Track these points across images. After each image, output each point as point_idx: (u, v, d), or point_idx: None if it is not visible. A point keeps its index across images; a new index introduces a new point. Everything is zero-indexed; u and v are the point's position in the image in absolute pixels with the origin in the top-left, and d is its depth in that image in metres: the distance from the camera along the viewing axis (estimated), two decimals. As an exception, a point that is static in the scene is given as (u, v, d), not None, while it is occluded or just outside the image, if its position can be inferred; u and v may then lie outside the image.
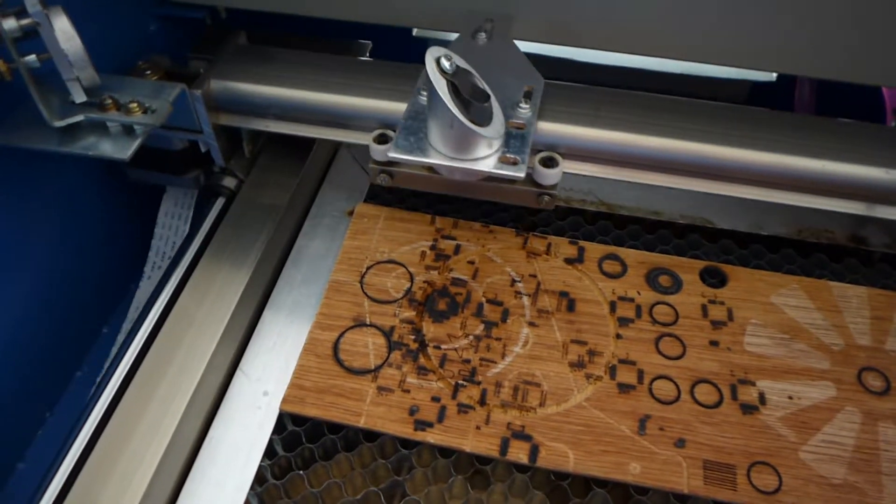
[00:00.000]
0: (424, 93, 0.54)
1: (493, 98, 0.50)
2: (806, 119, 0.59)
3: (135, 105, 0.51)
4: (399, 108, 0.57)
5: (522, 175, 0.50)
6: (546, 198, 0.55)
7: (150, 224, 0.71)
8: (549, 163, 0.54)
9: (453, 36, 0.59)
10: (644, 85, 0.86)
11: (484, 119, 0.49)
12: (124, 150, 0.50)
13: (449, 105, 0.47)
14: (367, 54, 0.71)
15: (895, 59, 0.59)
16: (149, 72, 0.60)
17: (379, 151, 0.55)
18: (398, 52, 0.75)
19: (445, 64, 0.48)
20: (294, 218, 0.65)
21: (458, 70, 0.48)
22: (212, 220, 0.62)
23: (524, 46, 0.59)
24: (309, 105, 0.60)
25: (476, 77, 0.50)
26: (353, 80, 0.60)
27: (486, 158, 0.50)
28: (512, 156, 0.50)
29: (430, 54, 0.48)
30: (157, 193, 0.70)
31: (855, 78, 0.61)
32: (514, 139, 0.52)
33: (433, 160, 0.51)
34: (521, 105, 0.54)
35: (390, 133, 0.56)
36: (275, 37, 0.70)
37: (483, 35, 0.57)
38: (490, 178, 0.52)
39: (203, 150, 0.63)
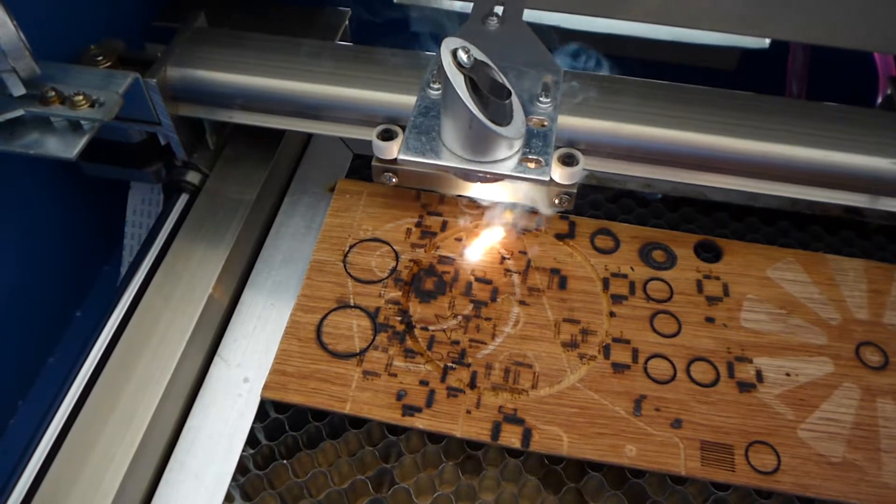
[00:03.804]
0: (435, 87, 0.49)
1: (513, 94, 0.46)
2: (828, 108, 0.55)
3: (80, 98, 0.46)
4: (378, 97, 0.53)
5: (548, 178, 0.46)
6: (565, 197, 0.50)
7: (121, 204, 0.68)
8: (569, 160, 0.49)
9: (437, 2, 0.56)
10: (630, 52, 0.84)
11: (503, 117, 0.45)
12: (70, 149, 0.46)
13: (467, 103, 0.42)
14: (346, 22, 0.68)
15: (887, 24, 0.58)
16: (100, 57, 0.54)
17: (384, 149, 0.50)
18: (379, 20, 0.72)
19: (463, 57, 0.43)
20: (270, 200, 0.62)
21: (475, 63, 0.44)
22: (181, 207, 0.59)
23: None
24: (278, 94, 0.54)
25: (495, 70, 0.45)
26: (327, 66, 0.55)
27: (506, 160, 0.46)
28: (534, 157, 0.46)
29: (446, 46, 0.43)
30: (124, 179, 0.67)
31: (847, 43, 0.60)
32: (536, 138, 0.47)
33: (448, 163, 0.46)
34: (540, 99, 0.49)
35: (395, 128, 0.51)
36: (241, 2, 0.66)
37: (494, 20, 0.53)
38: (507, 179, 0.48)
39: (163, 142, 0.59)
